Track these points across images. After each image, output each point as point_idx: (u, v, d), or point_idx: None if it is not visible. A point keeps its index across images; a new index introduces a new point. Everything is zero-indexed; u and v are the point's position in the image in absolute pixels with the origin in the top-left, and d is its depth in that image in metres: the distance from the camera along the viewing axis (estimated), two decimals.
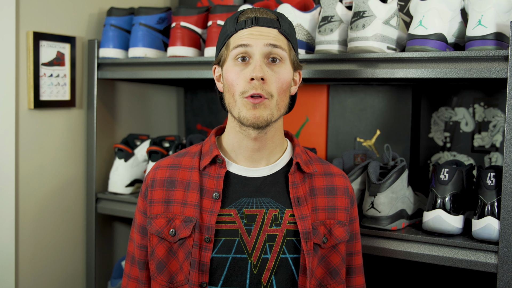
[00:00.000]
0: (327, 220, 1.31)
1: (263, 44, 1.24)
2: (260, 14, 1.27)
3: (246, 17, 1.27)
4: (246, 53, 1.24)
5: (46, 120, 1.90)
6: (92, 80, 2.01)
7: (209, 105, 2.33)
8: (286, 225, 1.27)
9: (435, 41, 1.42)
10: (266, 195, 1.29)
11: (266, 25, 1.26)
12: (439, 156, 1.86)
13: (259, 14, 1.27)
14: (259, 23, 1.26)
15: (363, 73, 1.52)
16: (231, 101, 1.26)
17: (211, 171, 1.30)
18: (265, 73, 1.22)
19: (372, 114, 1.91)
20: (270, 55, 1.25)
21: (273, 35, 1.25)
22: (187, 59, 1.80)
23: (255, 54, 1.24)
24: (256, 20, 1.26)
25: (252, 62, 1.24)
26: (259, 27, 1.25)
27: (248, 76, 1.23)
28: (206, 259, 1.23)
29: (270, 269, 1.25)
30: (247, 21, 1.26)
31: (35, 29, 1.84)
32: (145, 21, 1.91)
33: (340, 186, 1.36)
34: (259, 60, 1.23)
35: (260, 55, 1.24)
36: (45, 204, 1.92)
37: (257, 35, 1.24)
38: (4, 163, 1.79)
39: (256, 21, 1.26)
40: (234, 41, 1.26)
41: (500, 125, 1.76)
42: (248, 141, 1.29)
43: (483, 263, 1.39)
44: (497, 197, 1.40)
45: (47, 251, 1.93)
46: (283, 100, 1.27)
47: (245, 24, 1.26)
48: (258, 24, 1.25)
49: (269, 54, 1.25)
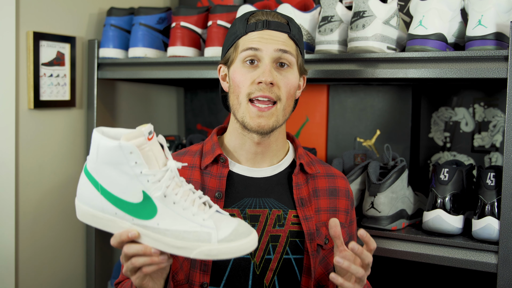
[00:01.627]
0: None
1: (273, 49, 1.23)
2: (271, 17, 1.27)
3: (257, 20, 1.26)
4: (255, 56, 1.24)
5: (46, 120, 1.90)
6: (92, 80, 2.01)
7: (209, 105, 2.33)
8: (290, 225, 1.27)
9: (435, 41, 1.42)
10: (269, 195, 1.29)
11: (277, 29, 1.25)
12: (439, 156, 1.86)
13: (270, 17, 1.27)
14: (270, 27, 1.25)
15: (363, 73, 1.52)
16: (235, 103, 1.26)
17: (213, 171, 1.30)
18: (274, 77, 1.22)
19: (372, 114, 1.91)
20: (279, 60, 1.25)
21: (283, 40, 1.25)
22: (187, 59, 1.80)
23: (264, 58, 1.23)
24: (267, 24, 1.25)
25: (261, 66, 1.24)
26: (269, 31, 1.25)
27: (257, 79, 1.22)
28: (208, 260, 1.22)
29: (273, 269, 1.25)
30: (258, 24, 1.25)
31: (35, 29, 1.84)
32: (145, 21, 1.91)
33: (342, 188, 1.37)
34: (269, 64, 1.23)
35: (270, 59, 1.23)
36: (45, 204, 1.92)
37: (268, 39, 1.24)
38: (4, 163, 1.79)
39: (267, 24, 1.25)
40: (243, 43, 1.26)
41: (500, 125, 1.76)
42: (250, 144, 1.29)
43: (483, 263, 1.39)
44: (497, 197, 1.40)
45: (47, 251, 1.93)
46: (289, 105, 1.28)
47: (255, 27, 1.25)
48: (269, 27, 1.25)
49: (278, 59, 1.24)
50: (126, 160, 0.98)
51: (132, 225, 1.01)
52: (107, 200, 1.02)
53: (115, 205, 1.01)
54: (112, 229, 1.03)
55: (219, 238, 0.99)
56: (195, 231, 0.99)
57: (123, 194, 1.00)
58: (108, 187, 1.01)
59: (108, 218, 1.02)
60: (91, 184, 1.03)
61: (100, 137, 1.00)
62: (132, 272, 1.04)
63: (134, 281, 1.05)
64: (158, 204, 1.00)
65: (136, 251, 1.01)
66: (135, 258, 1.01)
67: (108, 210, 1.02)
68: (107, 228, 1.03)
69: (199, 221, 1.00)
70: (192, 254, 0.98)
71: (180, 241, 0.99)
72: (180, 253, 0.99)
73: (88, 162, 1.03)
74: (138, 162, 0.98)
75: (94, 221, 1.04)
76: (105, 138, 0.99)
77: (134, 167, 0.99)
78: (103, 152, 1.00)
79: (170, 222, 1.00)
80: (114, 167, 1.00)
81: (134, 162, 0.98)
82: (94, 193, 1.02)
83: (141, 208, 1.00)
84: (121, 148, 0.98)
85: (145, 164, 0.99)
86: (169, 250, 1.00)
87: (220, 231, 1.00)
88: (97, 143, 1.00)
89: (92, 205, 1.03)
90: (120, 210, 1.01)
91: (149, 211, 1.00)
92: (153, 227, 1.00)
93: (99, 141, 1.00)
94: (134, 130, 1.00)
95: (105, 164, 1.00)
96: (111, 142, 0.98)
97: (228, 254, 0.98)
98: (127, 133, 0.99)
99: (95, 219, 1.03)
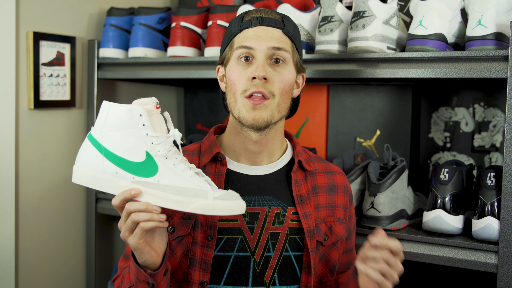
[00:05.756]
0: (327, 217, 1.32)
1: (266, 47, 1.24)
2: (265, 14, 1.28)
3: (251, 17, 1.27)
4: (249, 54, 1.25)
5: (46, 120, 1.90)
6: (92, 80, 2.01)
7: (209, 105, 2.33)
8: (289, 223, 1.28)
9: (435, 41, 1.42)
10: (268, 193, 1.29)
11: (271, 25, 1.26)
12: (439, 156, 1.86)
13: (264, 14, 1.28)
14: (263, 23, 1.26)
15: (363, 73, 1.52)
16: (232, 101, 1.27)
17: (211, 169, 1.30)
18: (267, 72, 1.23)
19: (372, 114, 1.91)
20: (273, 56, 1.25)
21: (277, 36, 1.26)
22: (187, 59, 1.80)
23: (258, 55, 1.24)
24: (261, 20, 1.26)
25: (255, 62, 1.24)
26: (263, 27, 1.26)
27: (250, 75, 1.23)
28: (208, 258, 1.23)
29: (273, 267, 1.25)
30: (252, 21, 1.26)
31: (35, 29, 1.84)
32: (145, 21, 1.91)
33: (340, 184, 1.37)
34: (262, 60, 1.23)
35: (264, 56, 1.24)
36: (45, 204, 1.92)
37: (261, 36, 1.24)
38: (4, 163, 1.79)
39: (261, 20, 1.26)
40: (238, 41, 1.26)
41: (500, 125, 1.76)
42: (248, 143, 1.29)
43: (483, 263, 1.39)
44: (497, 197, 1.40)
45: (47, 251, 1.93)
46: (284, 102, 1.27)
47: (249, 24, 1.26)
48: (263, 23, 1.26)
49: (272, 55, 1.25)
50: (134, 122, 1.09)
51: (131, 183, 1.09)
52: (109, 161, 1.10)
53: (116, 164, 1.09)
54: (110, 188, 1.10)
55: (215, 196, 1.07)
56: (193, 188, 1.08)
57: (127, 154, 1.09)
58: (112, 149, 1.10)
59: (108, 178, 1.10)
60: (94, 148, 1.11)
61: (111, 104, 1.11)
62: (130, 230, 1.07)
63: (131, 241, 1.07)
64: (160, 163, 1.09)
65: (138, 207, 1.06)
66: (135, 214, 1.06)
67: (109, 170, 1.10)
68: (104, 187, 1.11)
69: (196, 182, 1.09)
70: (189, 208, 1.06)
71: (179, 196, 1.07)
72: (178, 207, 1.07)
73: (93, 130, 1.12)
74: (146, 125, 1.09)
75: (91, 181, 1.11)
76: (117, 104, 1.10)
77: (141, 129, 1.09)
78: (113, 117, 1.10)
79: (170, 180, 1.09)
80: (122, 129, 1.09)
81: (142, 124, 1.09)
82: (96, 156, 1.11)
83: (143, 167, 1.09)
84: (132, 111, 1.09)
85: (151, 127, 1.10)
86: (167, 205, 1.07)
87: (215, 191, 1.09)
88: (107, 110, 1.11)
89: (93, 167, 1.11)
90: (121, 169, 1.09)
91: (150, 169, 1.09)
92: (153, 183, 1.08)
93: (109, 108, 1.11)
94: (145, 98, 1.12)
95: (112, 128, 1.10)
96: (123, 106, 1.09)
97: (222, 211, 1.07)
98: (138, 100, 1.11)
99: (93, 179, 1.11)
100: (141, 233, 1.06)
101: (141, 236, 1.07)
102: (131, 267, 1.14)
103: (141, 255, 1.09)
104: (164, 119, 1.14)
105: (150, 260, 1.10)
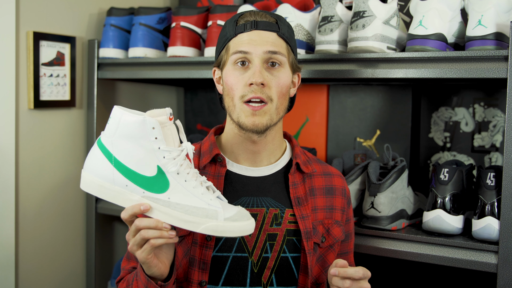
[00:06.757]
0: (325, 219, 1.33)
1: (262, 52, 1.24)
2: (259, 17, 1.28)
3: (245, 21, 1.27)
4: (245, 58, 1.25)
5: (46, 120, 1.90)
6: (92, 80, 2.01)
7: (209, 105, 2.33)
8: (287, 224, 1.28)
9: (435, 41, 1.42)
10: (267, 194, 1.30)
11: (265, 29, 1.26)
12: (439, 156, 1.86)
13: (258, 17, 1.28)
14: (258, 27, 1.26)
15: (363, 73, 1.52)
16: (231, 105, 1.27)
17: (211, 170, 1.30)
18: (264, 78, 1.23)
19: (372, 114, 1.91)
20: (269, 60, 1.25)
21: (272, 40, 1.26)
22: (187, 59, 1.80)
23: (254, 60, 1.24)
24: (255, 24, 1.26)
25: (252, 67, 1.24)
26: (258, 31, 1.26)
27: (248, 81, 1.23)
28: (207, 258, 1.23)
29: (270, 268, 1.25)
30: (246, 25, 1.26)
31: (35, 29, 1.84)
32: (145, 21, 1.91)
33: (338, 187, 1.37)
34: (259, 65, 1.24)
35: (260, 60, 1.24)
36: (45, 204, 1.92)
37: (257, 41, 1.24)
38: (4, 163, 1.79)
39: (256, 24, 1.26)
40: (233, 46, 1.26)
41: (500, 125, 1.76)
42: (247, 144, 1.30)
43: (483, 263, 1.39)
44: (497, 197, 1.40)
45: (47, 251, 1.93)
46: (282, 104, 1.28)
47: (244, 28, 1.26)
48: (257, 28, 1.26)
49: (268, 59, 1.25)
50: (146, 135, 1.05)
51: (141, 198, 1.06)
52: (119, 172, 1.07)
53: (127, 177, 1.06)
54: (118, 200, 1.08)
55: (225, 216, 1.06)
56: (204, 207, 1.06)
57: (138, 167, 1.06)
58: (123, 160, 1.07)
59: (117, 190, 1.07)
60: (104, 156, 1.08)
61: (122, 112, 1.07)
62: (139, 245, 1.06)
63: (139, 256, 1.07)
64: (171, 179, 1.07)
65: (148, 224, 1.04)
66: (145, 230, 1.05)
67: (119, 182, 1.07)
68: (112, 199, 1.08)
69: (207, 200, 1.07)
70: (199, 228, 1.04)
71: (189, 215, 1.05)
72: (188, 227, 1.05)
73: (103, 136, 1.09)
74: (158, 138, 1.06)
75: (100, 191, 1.08)
76: (129, 113, 1.07)
77: (153, 142, 1.06)
78: (124, 126, 1.06)
79: (181, 198, 1.06)
80: (133, 141, 1.06)
81: (154, 137, 1.06)
82: (106, 165, 1.08)
83: (154, 182, 1.06)
84: (145, 123, 1.05)
85: (164, 140, 1.06)
86: (177, 224, 1.05)
87: (226, 211, 1.07)
88: (119, 118, 1.07)
89: (102, 176, 1.08)
90: (131, 182, 1.06)
91: (161, 185, 1.06)
92: (164, 200, 1.06)
93: (121, 116, 1.07)
94: (158, 109, 1.08)
95: (123, 138, 1.06)
96: (135, 117, 1.06)
97: (231, 233, 1.05)
98: (151, 111, 1.07)
99: (102, 189, 1.08)
100: (150, 249, 1.06)
101: (149, 252, 1.06)
102: (140, 277, 1.14)
103: (149, 268, 1.09)
104: (176, 128, 1.12)
105: (158, 272, 1.10)
